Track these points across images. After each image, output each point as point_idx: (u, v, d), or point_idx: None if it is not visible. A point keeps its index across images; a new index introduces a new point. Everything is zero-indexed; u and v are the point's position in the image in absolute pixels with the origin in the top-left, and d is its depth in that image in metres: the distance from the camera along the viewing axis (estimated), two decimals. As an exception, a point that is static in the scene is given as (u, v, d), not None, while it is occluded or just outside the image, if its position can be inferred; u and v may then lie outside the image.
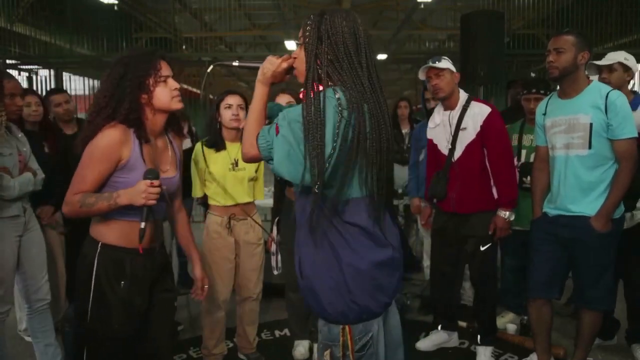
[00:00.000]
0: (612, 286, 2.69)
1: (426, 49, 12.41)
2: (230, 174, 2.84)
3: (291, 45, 11.42)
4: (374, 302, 1.52)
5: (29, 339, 3.24)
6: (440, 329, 3.29)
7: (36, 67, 9.85)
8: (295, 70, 1.60)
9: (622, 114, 2.46)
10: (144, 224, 1.75)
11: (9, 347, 2.87)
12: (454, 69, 2.99)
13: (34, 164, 2.74)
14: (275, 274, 3.13)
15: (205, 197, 2.94)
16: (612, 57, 2.97)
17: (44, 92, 5.63)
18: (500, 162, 2.93)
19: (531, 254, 2.75)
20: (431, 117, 3.20)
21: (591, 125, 2.50)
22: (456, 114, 2.99)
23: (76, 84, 9.94)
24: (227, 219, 2.87)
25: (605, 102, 2.47)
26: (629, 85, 3.10)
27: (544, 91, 3.25)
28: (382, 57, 12.04)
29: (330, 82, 1.49)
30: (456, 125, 2.97)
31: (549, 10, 9.16)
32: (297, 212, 1.59)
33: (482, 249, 2.99)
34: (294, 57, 1.59)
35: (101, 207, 1.78)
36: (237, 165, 2.85)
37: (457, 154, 2.98)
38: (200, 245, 2.94)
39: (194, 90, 11.63)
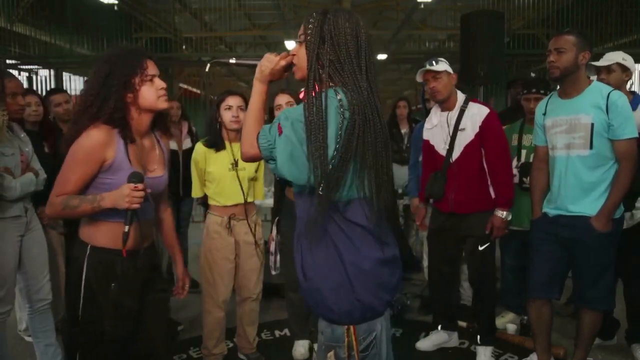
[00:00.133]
0: (612, 286, 2.69)
1: (426, 49, 12.41)
2: (230, 174, 2.84)
3: (291, 45, 11.42)
4: (377, 301, 1.52)
5: (29, 339, 3.24)
6: (440, 329, 3.29)
7: (36, 67, 9.85)
8: (294, 67, 1.59)
9: (623, 114, 2.47)
10: (127, 228, 1.73)
11: (9, 347, 2.86)
12: (451, 71, 2.99)
13: (36, 164, 2.74)
14: (273, 273, 3.12)
15: (205, 197, 2.94)
16: (610, 58, 2.97)
17: (44, 92, 5.63)
18: (498, 163, 2.94)
19: (531, 254, 2.75)
20: (428, 118, 3.21)
21: (592, 125, 2.50)
22: (454, 114, 3.00)
23: (76, 84, 9.94)
24: (227, 219, 2.87)
25: (606, 102, 2.48)
26: (627, 85, 3.10)
27: (544, 91, 3.26)
28: (382, 57, 12.04)
29: (331, 83, 1.49)
30: (454, 126, 2.98)
31: (549, 10, 9.16)
32: (298, 213, 1.58)
33: (481, 248, 3.00)
34: (293, 55, 1.58)
35: (85, 209, 1.76)
36: (237, 165, 2.85)
37: (456, 154, 2.98)
38: (200, 245, 2.95)
39: (194, 90, 11.63)
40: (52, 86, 9.36)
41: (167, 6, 10.42)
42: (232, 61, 1.75)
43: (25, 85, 9.04)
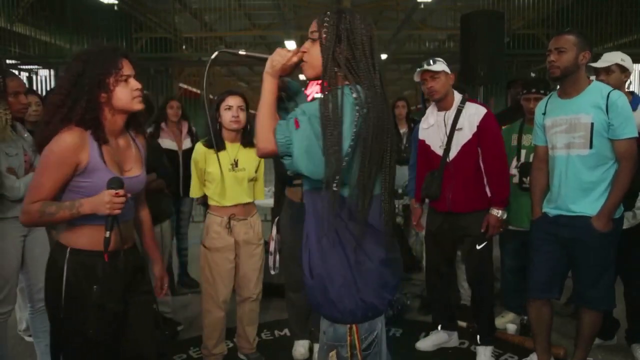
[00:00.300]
0: (612, 286, 2.69)
1: (426, 49, 12.43)
2: (230, 175, 2.84)
3: (291, 45, 11.42)
4: (379, 300, 1.54)
5: (29, 339, 3.24)
6: (440, 329, 3.29)
7: (36, 67, 9.86)
8: (304, 64, 1.59)
9: (623, 114, 2.47)
10: (108, 234, 1.70)
11: (9, 347, 2.86)
12: (449, 71, 3.00)
13: None
14: (272, 273, 3.12)
15: (205, 197, 2.94)
16: (609, 59, 2.97)
17: (44, 92, 5.63)
18: (495, 163, 2.96)
19: (531, 254, 2.75)
20: (424, 118, 3.21)
21: (592, 125, 2.50)
22: (451, 114, 3.00)
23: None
24: (227, 219, 2.87)
25: (606, 102, 2.48)
26: (625, 85, 3.11)
27: (543, 91, 3.25)
28: (382, 57, 12.03)
29: (346, 82, 1.50)
30: (452, 125, 2.99)
31: (549, 10, 9.16)
32: (307, 210, 1.57)
33: (478, 247, 3.00)
34: (304, 52, 1.58)
35: (63, 216, 1.72)
36: (237, 165, 2.85)
37: (453, 154, 2.99)
38: (200, 245, 2.95)
39: (194, 90, 11.64)
40: (52, 86, 9.36)
41: (167, 6, 10.43)
42: (242, 52, 1.70)
43: (25, 85, 9.01)
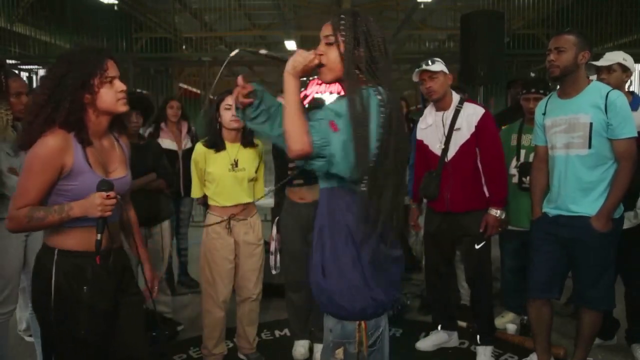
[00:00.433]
0: (612, 286, 2.69)
1: (426, 49, 12.41)
2: (230, 175, 2.84)
3: (291, 45, 11.42)
4: (387, 297, 1.58)
5: (29, 339, 3.24)
6: (440, 329, 3.29)
7: (36, 67, 9.84)
8: (322, 67, 1.59)
9: (622, 114, 2.47)
10: (99, 236, 1.69)
11: (9, 347, 2.86)
12: (447, 71, 3.01)
13: None
14: (273, 273, 3.12)
15: (205, 197, 2.94)
16: (611, 58, 2.97)
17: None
18: (493, 163, 2.97)
19: (531, 254, 2.75)
20: (422, 118, 3.22)
21: (591, 124, 2.50)
22: (450, 114, 3.01)
23: (76, 84, 9.92)
24: (226, 219, 2.86)
25: (605, 102, 2.48)
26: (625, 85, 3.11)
27: (543, 91, 3.26)
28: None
29: (368, 84, 1.53)
30: (450, 125, 2.99)
31: (549, 10, 9.15)
32: (321, 210, 1.59)
33: (477, 247, 3.00)
34: (320, 54, 1.58)
35: (52, 220, 1.70)
36: (236, 165, 2.85)
37: (451, 154, 3.00)
38: (200, 245, 2.95)
39: (194, 90, 11.63)
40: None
41: (167, 6, 10.42)
42: (263, 52, 1.65)
43: (25, 85, 9.02)
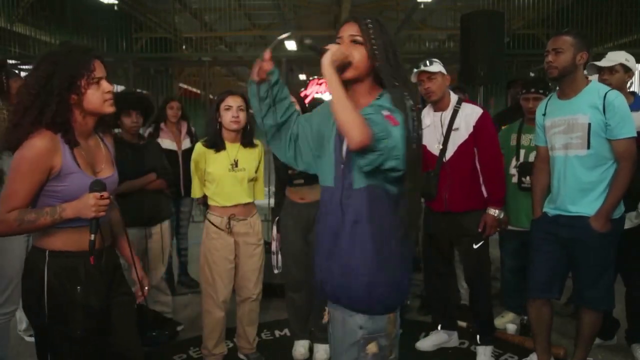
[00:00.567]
0: (612, 286, 2.69)
1: (426, 49, 12.43)
2: (229, 175, 2.84)
3: (291, 45, 11.43)
4: (408, 290, 1.72)
5: (30, 339, 3.24)
6: (440, 329, 3.29)
7: (36, 67, 9.84)
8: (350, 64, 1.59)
9: (620, 114, 2.47)
10: (93, 237, 1.69)
11: (9, 347, 2.86)
12: (445, 72, 3.02)
13: None
14: (275, 272, 3.13)
15: (205, 197, 2.94)
16: (613, 58, 2.97)
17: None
18: (491, 163, 2.97)
19: (531, 254, 2.75)
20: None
21: (589, 125, 2.50)
22: (448, 114, 3.02)
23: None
24: (226, 219, 2.87)
25: (603, 102, 2.48)
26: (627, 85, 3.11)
27: (542, 91, 3.26)
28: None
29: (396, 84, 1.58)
30: (448, 125, 3.00)
31: (549, 10, 9.16)
32: (358, 208, 1.58)
33: (475, 247, 3.01)
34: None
35: (44, 222, 1.69)
36: (236, 165, 2.85)
37: (449, 154, 3.00)
38: (200, 245, 2.95)
39: (194, 90, 11.64)
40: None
41: (167, 6, 10.43)
42: (307, 42, 1.58)
43: (25, 85, 9.02)
